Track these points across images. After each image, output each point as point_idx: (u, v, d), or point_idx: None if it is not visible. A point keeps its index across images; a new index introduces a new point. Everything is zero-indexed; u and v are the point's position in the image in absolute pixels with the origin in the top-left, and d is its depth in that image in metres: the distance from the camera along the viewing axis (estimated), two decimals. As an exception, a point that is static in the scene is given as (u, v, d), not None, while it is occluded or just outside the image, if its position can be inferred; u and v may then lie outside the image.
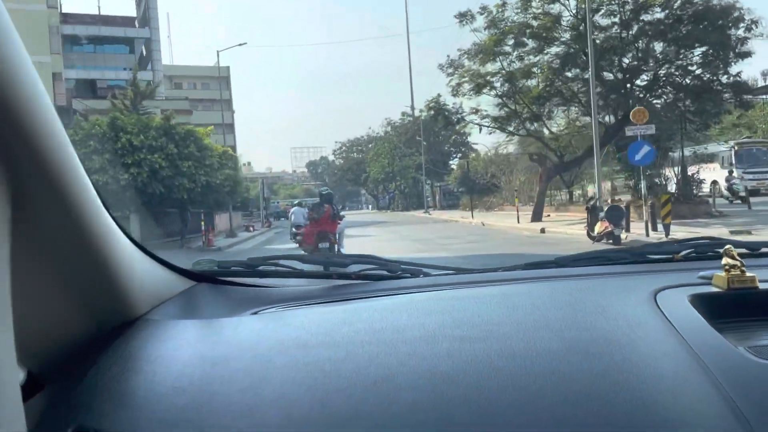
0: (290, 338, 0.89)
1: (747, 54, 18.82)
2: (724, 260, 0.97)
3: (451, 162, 61.67)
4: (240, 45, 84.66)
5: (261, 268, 1.31)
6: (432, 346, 0.81)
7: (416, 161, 53.86)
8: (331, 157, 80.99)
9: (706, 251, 1.29)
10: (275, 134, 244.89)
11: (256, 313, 1.07)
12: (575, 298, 1.01)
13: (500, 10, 20.67)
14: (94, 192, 0.80)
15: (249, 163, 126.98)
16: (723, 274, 0.96)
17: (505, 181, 38.03)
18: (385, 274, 1.28)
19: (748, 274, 0.95)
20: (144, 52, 49.92)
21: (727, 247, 1.00)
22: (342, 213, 12.03)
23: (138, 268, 0.96)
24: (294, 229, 17.85)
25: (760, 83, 31.78)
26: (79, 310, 0.85)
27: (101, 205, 0.83)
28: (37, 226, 0.70)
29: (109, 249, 0.83)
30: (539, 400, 0.67)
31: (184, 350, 0.87)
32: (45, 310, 0.81)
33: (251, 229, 29.39)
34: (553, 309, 0.95)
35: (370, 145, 65.02)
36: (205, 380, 0.76)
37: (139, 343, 0.88)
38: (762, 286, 0.95)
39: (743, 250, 1.25)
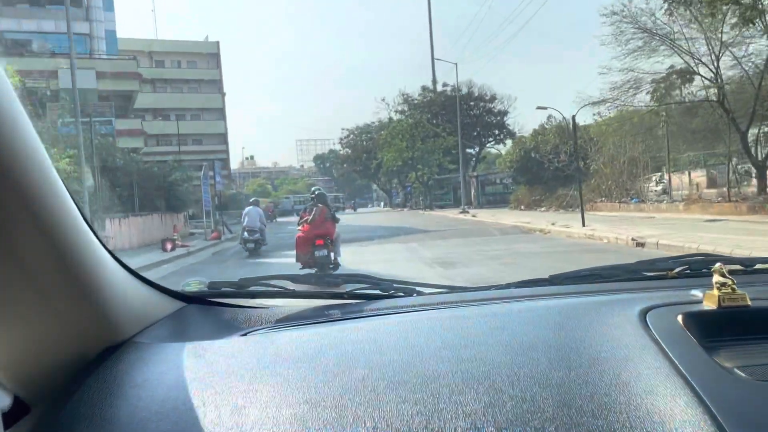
0: (279, 359, 0.90)
1: None
2: (715, 278, 0.98)
3: (487, 146, 52.41)
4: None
5: (252, 288, 1.33)
6: (422, 368, 0.82)
7: (444, 143, 45.45)
8: (337, 147, 72.24)
9: (700, 268, 1.31)
10: (281, 126, 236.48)
11: (245, 334, 1.08)
12: (565, 317, 1.02)
13: None
14: (77, 211, 0.81)
15: (251, 157, 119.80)
16: (714, 292, 0.97)
17: (601, 162, 26.48)
18: (377, 293, 1.30)
19: (738, 291, 0.96)
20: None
21: (717, 265, 1.01)
22: (342, 211, 9.65)
23: (125, 290, 0.98)
24: (246, 234, 14.71)
25: None
26: (64, 333, 0.86)
27: (86, 225, 0.84)
28: (16, 250, 0.71)
29: (93, 271, 0.85)
30: (525, 423, 0.68)
31: (171, 374, 0.87)
32: (29, 335, 0.81)
33: (169, 247, 17.50)
34: (543, 329, 0.97)
35: (382, 132, 54.36)
36: (190, 404, 0.77)
37: (125, 367, 0.89)
38: (754, 304, 0.96)
39: (737, 267, 1.31)
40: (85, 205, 12.51)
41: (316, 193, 10.33)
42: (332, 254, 9.66)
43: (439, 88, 52.34)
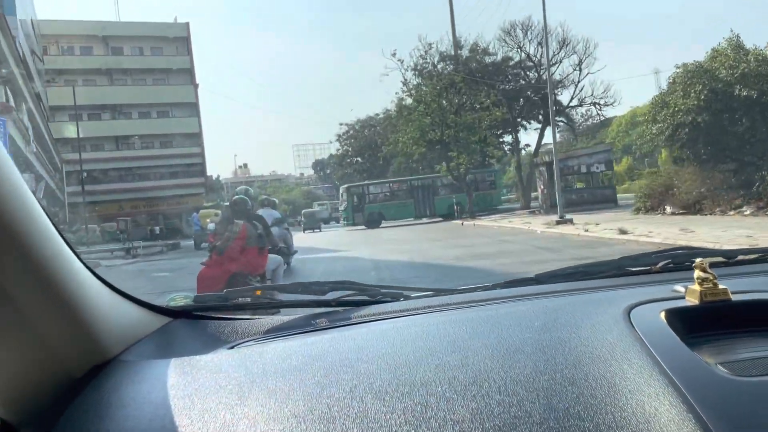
0: (266, 372, 0.92)
1: None
2: (696, 273, 1.01)
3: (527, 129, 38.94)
4: None
5: (239, 300, 1.38)
6: (408, 376, 0.84)
7: (489, 117, 31.90)
8: (335, 146, 61.94)
9: (683, 261, 1.35)
10: (278, 132, 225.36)
11: (233, 347, 1.12)
12: (551, 317, 1.05)
13: None
14: (54, 230, 0.84)
15: (245, 165, 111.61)
16: (695, 287, 0.99)
17: None
18: (365, 299, 1.34)
19: (720, 286, 0.99)
20: None
21: (699, 260, 1.03)
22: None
23: (108, 307, 1.00)
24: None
25: None
26: (47, 355, 0.88)
27: (64, 244, 0.87)
28: None
29: (74, 290, 0.87)
30: (513, 426, 0.71)
31: (158, 391, 0.89)
32: (12, 358, 0.83)
33: None
34: (529, 330, 0.99)
35: (392, 110, 41.35)
36: (177, 422, 0.80)
37: (111, 387, 0.91)
38: (735, 297, 0.99)
39: (719, 259, 1.36)
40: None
41: (235, 200, 6.73)
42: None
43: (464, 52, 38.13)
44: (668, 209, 19.70)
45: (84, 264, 0.95)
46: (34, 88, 34.60)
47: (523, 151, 39.83)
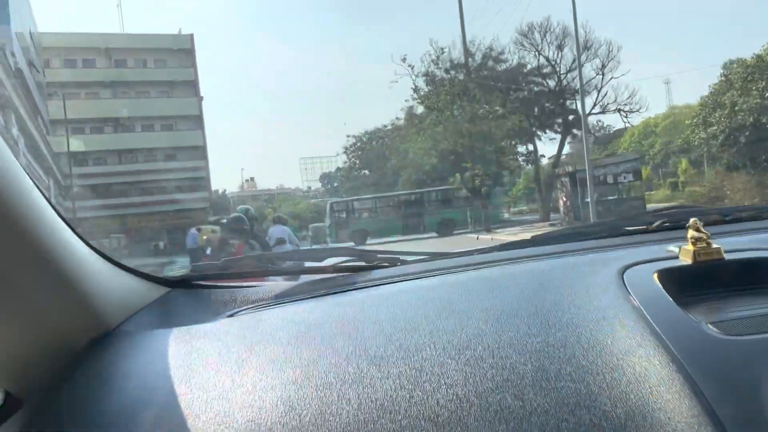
0: (265, 340, 0.93)
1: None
2: (690, 233, 1.01)
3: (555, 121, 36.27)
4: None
5: (237, 269, 1.39)
6: (409, 339, 0.85)
7: (506, 125, 29.61)
8: (342, 159, 59.96)
9: (679, 220, 1.33)
10: (285, 145, 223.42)
11: (232, 315, 1.12)
12: (546, 278, 1.05)
13: None
14: (44, 201, 0.84)
15: (252, 179, 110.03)
16: (689, 247, 1.00)
17: None
18: (362, 265, 1.34)
19: (714, 245, 0.99)
20: None
21: (693, 220, 1.04)
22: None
23: (106, 279, 1.01)
24: None
25: None
26: (48, 328, 0.89)
27: (56, 216, 0.88)
28: None
29: (72, 263, 0.88)
30: (505, 389, 0.72)
31: (158, 361, 0.90)
32: (13, 332, 0.85)
33: None
34: (524, 292, 1.00)
35: (400, 119, 39.30)
36: (178, 391, 0.81)
37: (113, 357, 0.93)
38: (728, 256, 0.99)
39: (715, 217, 1.35)
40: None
41: (232, 218, 6.75)
42: None
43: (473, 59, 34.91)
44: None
45: (80, 237, 0.95)
46: (32, 101, 32.98)
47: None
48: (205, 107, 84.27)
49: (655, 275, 0.96)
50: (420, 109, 33.13)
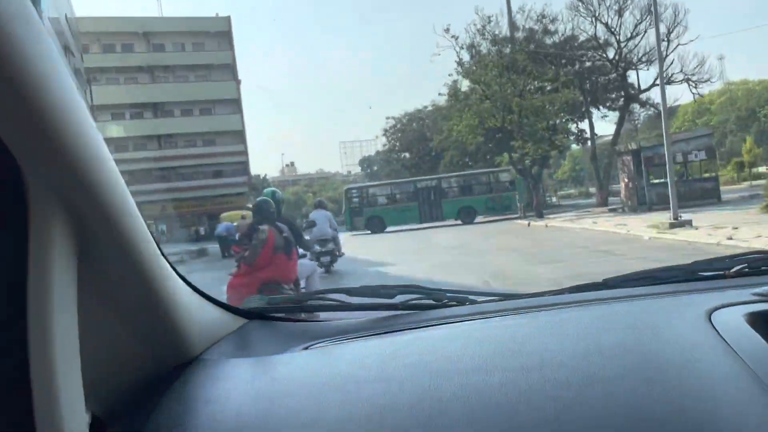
0: (343, 373, 0.94)
1: None
2: None
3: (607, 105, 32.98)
4: None
5: (310, 302, 1.45)
6: (485, 377, 0.84)
7: (561, 99, 26.79)
8: (382, 142, 57.98)
9: (760, 266, 1.32)
10: (324, 129, 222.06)
11: (307, 348, 1.14)
12: (626, 320, 1.04)
13: None
14: (150, 236, 0.88)
15: (292, 164, 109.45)
16: None
17: None
18: (431, 303, 1.34)
19: None
20: None
21: None
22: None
23: (193, 309, 1.04)
24: (318, 246, 12.12)
25: None
26: (139, 352, 0.93)
27: (157, 248, 0.91)
28: (99, 273, 0.78)
29: (166, 291, 0.91)
30: (597, 428, 0.70)
31: (241, 389, 0.93)
32: (108, 354, 0.89)
33: None
34: (605, 333, 0.98)
35: (445, 94, 33.41)
36: (263, 418, 0.82)
37: (196, 384, 0.94)
38: None
39: None
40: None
41: (258, 203, 6.28)
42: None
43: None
44: None
45: (171, 266, 0.98)
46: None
47: (588, 142, 34.94)
48: (243, 91, 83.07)
49: (745, 317, 0.93)
50: (464, 85, 30.66)
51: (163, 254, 0.94)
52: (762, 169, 46.27)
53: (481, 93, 28.44)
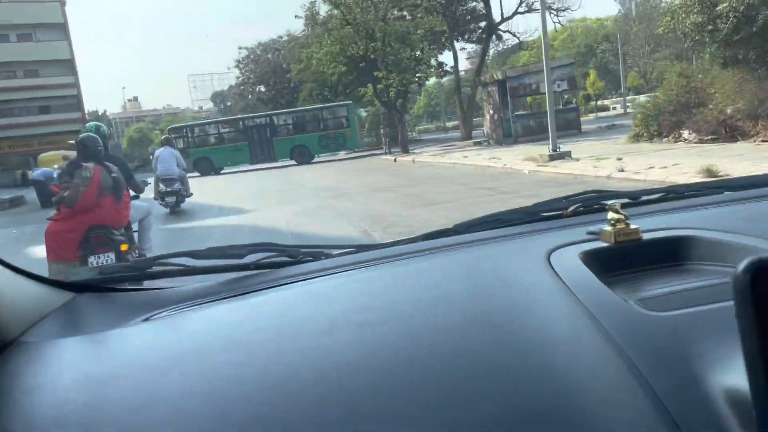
0: (185, 345, 0.89)
1: None
2: (609, 215, 1.04)
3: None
4: None
5: (150, 270, 1.30)
6: (335, 336, 0.83)
7: (425, 24, 25.57)
8: (235, 74, 53.53)
9: (593, 204, 1.37)
10: (171, 61, 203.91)
11: (147, 319, 1.05)
12: (473, 266, 1.09)
13: None
14: None
15: (135, 99, 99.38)
16: (609, 228, 1.03)
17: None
18: (285, 261, 1.29)
19: (632, 226, 1.02)
20: None
21: (612, 202, 1.08)
22: (145, 179, 7.61)
23: (1, 286, 0.97)
24: (162, 186, 12.19)
25: None
26: None
27: None
28: None
29: None
30: (442, 379, 0.70)
31: (67, 373, 0.84)
32: None
33: None
34: (453, 281, 1.02)
35: (305, 16, 30.61)
36: (92, 404, 0.74)
37: (13, 372, 0.85)
38: (646, 236, 1.03)
39: (626, 200, 1.39)
40: None
41: (82, 138, 5.40)
42: (135, 252, 5.50)
43: None
44: (687, 134, 14.55)
45: None
46: None
47: (446, 75, 33.79)
48: (70, 14, 73.51)
49: (580, 256, 0.98)
50: (324, 11, 27.87)
51: None
52: (607, 101, 48.71)
53: (341, 17, 26.12)
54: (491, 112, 24.88)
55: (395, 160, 22.91)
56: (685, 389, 0.63)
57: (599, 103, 45.16)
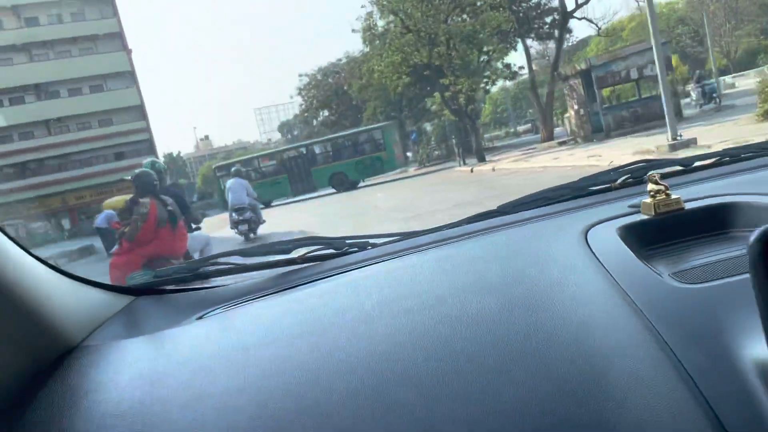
0: (232, 341, 0.92)
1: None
2: (649, 186, 1.02)
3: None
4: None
5: (203, 269, 1.33)
6: (370, 326, 0.84)
7: (494, 20, 23.01)
8: (298, 102, 52.92)
9: (641, 175, 1.31)
10: (236, 97, 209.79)
11: (201, 317, 1.09)
12: (513, 248, 1.07)
13: None
14: None
15: (206, 138, 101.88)
16: (649, 200, 1.00)
17: None
18: (331, 253, 1.30)
19: (673, 196, 1.00)
20: None
21: (651, 173, 1.05)
22: (204, 212, 8.94)
23: (65, 294, 1.00)
24: (235, 215, 12.84)
25: None
26: (8, 349, 0.88)
27: (5, 239, 0.87)
28: None
29: (23, 282, 0.87)
30: (477, 364, 0.70)
31: (124, 372, 0.88)
32: None
33: None
34: (492, 264, 1.01)
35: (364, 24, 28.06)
36: (145, 401, 0.78)
37: (77, 373, 0.90)
38: (688, 205, 1.00)
39: (677, 168, 1.36)
40: None
41: (137, 174, 5.70)
42: None
43: None
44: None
45: (31, 254, 0.94)
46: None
47: (515, 77, 31.30)
48: (137, 62, 75.63)
49: (617, 231, 0.97)
50: (381, 24, 26.01)
51: (18, 243, 0.89)
52: (689, 87, 44.89)
53: (401, 25, 24.23)
54: (575, 107, 22.19)
55: (472, 171, 20.87)
56: (715, 363, 0.62)
57: (688, 87, 41.55)
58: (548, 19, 28.34)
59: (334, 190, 28.23)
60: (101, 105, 45.75)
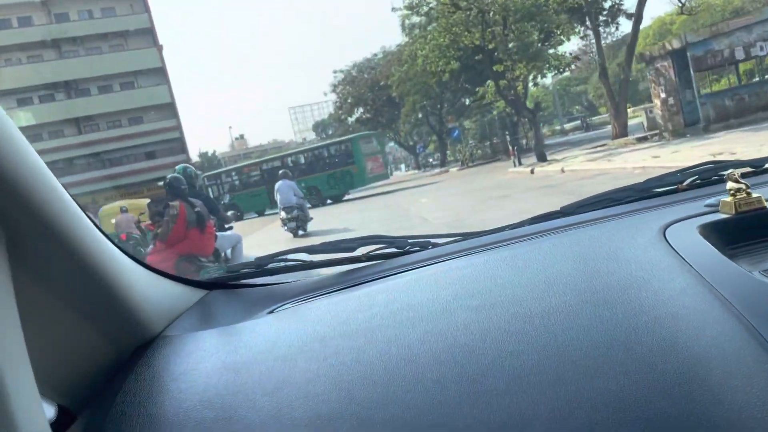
0: (308, 333, 0.93)
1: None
2: (729, 185, 0.99)
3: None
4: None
5: (270, 266, 1.35)
6: (448, 320, 0.84)
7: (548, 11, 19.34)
8: (332, 98, 49.79)
9: (710, 176, 1.31)
10: (270, 97, 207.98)
11: (272, 312, 1.11)
12: (584, 247, 1.04)
13: None
14: (86, 218, 0.85)
15: (241, 137, 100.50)
16: (729, 199, 0.98)
17: None
18: (394, 252, 1.31)
19: (754, 195, 0.97)
20: None
21: (730, 171, 1.03)
22: (235, 212, 8.45)
23: (145, 286, 1.02)
24: (284, 214, 13.50)
25: None
26: (94, 339, 0.90)
27: (96, 230, 0.88)
28: (35, 265, 0.75)
29: (111, 273, 0.89)
30: (560, 357, 0.69)
31: (206, 362, 0.90)
32: (61, 345, 0.86)
33: None
34: (564, 262, 0.98)
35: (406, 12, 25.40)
36: (230, 389, 0.80)
37: (161, 362, 0.92)
38: None
39: (747, 169, 1.31)
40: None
41: (168, 180, 6.18)
42: None
43: None
44: None
45: (116, 245, 0.94)
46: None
47: (572, 66, 27.15)
48: (168, 59, 73.63)
49: (698, 229, 0.93)
50: (424, 8, 22.28)
51: (106, 236, 0.90)
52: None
53: (449, 1, 20.18)
54: (662, 95, 18.14)
55: (532, 172, 17.08)
56: None
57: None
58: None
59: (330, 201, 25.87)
60: (132, 103, 44.25)
